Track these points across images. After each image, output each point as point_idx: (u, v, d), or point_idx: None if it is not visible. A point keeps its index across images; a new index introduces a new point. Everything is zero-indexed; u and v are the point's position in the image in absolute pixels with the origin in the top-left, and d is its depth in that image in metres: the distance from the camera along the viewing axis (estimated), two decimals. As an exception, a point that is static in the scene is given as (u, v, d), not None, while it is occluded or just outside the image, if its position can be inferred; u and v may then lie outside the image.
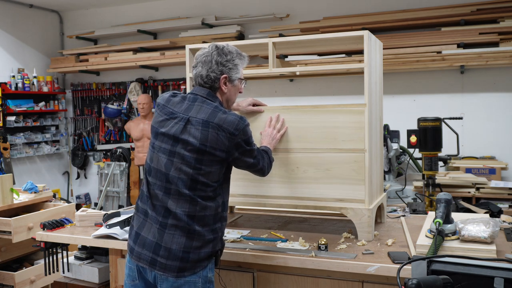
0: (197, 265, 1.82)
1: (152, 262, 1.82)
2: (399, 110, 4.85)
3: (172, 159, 1.84)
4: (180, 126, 1.85)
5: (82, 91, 6.55)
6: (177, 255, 1.79)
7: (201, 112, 1.86)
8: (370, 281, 1.95)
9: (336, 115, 2.28)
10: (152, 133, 1.95)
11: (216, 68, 1.93)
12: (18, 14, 6.08)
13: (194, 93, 1.94)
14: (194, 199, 1.82)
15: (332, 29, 4.94)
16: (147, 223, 1.87)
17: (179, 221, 1.81)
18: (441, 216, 1.92)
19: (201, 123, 1.83)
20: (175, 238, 1.80)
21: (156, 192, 1.86)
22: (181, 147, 1.84)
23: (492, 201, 3.38)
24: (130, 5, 6.23)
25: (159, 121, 1.92)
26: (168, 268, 1.79)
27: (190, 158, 1.82)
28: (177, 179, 1.83)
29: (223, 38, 5.43)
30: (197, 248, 1.82)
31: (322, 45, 2.83)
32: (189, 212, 1.82)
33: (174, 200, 1.83)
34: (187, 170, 1.82)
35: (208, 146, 1.82)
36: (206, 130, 1.82)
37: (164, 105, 1.94)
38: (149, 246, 1.83)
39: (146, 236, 1.85)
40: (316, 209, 2.36)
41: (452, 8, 4.62)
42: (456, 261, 1.49)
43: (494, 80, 4.67)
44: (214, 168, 1.86)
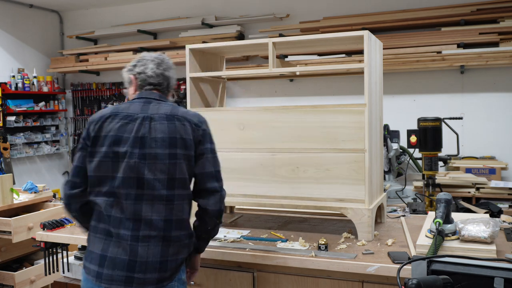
0: (175, 271, 1.76)
1: (128, 280, 1.70)
2: (399, 110, 4.84)
3: (144, 161, 1.73)
4: (144, 126, 1.76)
5: (82, 91, 6.55)
6: (155, 266, 1.71)
7: (161, 109, 1.81)
8: (370, 281, 1.95)
9: (336, 115, 2.28)
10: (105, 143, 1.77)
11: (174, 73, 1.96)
12: (18, 14, 6.08)
13: (143, 97, 1.87)
14: (171, 201, 1.74)
15: (332, 29, 4.94)
16: (112, 243, 1.73)
17: (153, 229, 1.72)
18: (441, 216, 1.92)
19: (165, 118, 1.78)
20: (150, 250, 1.72)
21: (123, 205, 1.73)
22: (151, 146, 1.74)
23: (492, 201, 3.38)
24: (130, 5, 6.23)
25: (117, 128, 1.78)
26: (146, 282, 1.71)
27: (163, 156, 1.74)
28: (153, 181, 1.73)
29: (223, 38, 5.43)
30: (175, 255, 1.75)
31: (322, 45, 2.83)
32: (166, 216, 1.73)
33: (148, 206, 1.72)
34: (163, 167, 1.74)
35: (178, 138, 1.76)
36: (173, 123, 1.77)
37: (115, 112, 1.82)
38: (121, 265, 1.70)
39: (115, 256, 1.72)
40: (316, 209, 2.36)
41: (452, 8, 4.62)
42: (456, 261, 1.49)
43: (494, 80, 4.67)
44: (188, 162, 1.78)
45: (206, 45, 2.59)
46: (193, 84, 2.61)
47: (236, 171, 2.45)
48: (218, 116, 2.50)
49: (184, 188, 1.78)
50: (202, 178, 1.82)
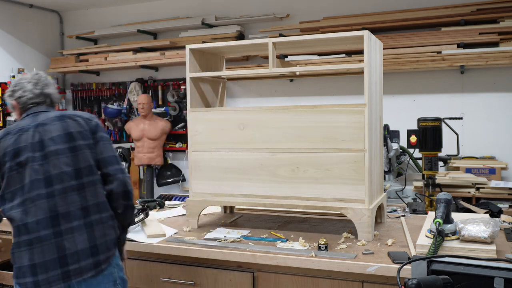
0: (109, 254, 1.81)
1: (65, 275, 1.74)
2: (399, 110, 4.84)
3: (47, 160, 1.82)
4: (39, 131, 1.86)
5: (82, 91, 6.55)
6: (86, 253, 1.76)
7: (49, 115, 1.93)
8: (370, 281, 1.95)
9: (336, 115, 2.28)
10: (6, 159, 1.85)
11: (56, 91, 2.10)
12: (18, 14, 6.08)
13: (31, 113, 1.96)
14: (83, 189, 1.82)
15: (332, 29, 4.94)
16: (36, 249, 1.76)
17: (73, 220, 1.77)
18: (441, 216, 1.92)
19: (55, 119, 1.90)
20: (76, 239, 1.76)
21: (36, 207, 1.78)
22: (50, 145, 1.84)
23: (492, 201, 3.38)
24: (130, 5, 6.23)
25: (13, 141, 1.86)
26: (84, 270, 1.75)
27: (64, 150, 1.83)
28: (60, 175, 1.81)
29: (223, 38, 5.44)
30: (102, 237, 1.81)
31: (322, 45, 2.83)
32: (82, 204, 1.80)
33: (61, 200, 1.79)
34: (66, 160, 1.83)
35: (74, 132, 1.88)
36: (64, 121, 1.89)
37: (7, 131, 1.91)
38: (53, 265, 1.74)
39: (44, 260, 1.75)
40: (316, 209, 2.36)
41: (452, 8, 4.62)
42: (456, 261, 1.49)
43: (494, 80, 4.67)
44: (91, 151, 1.89)
45: (206, 45, 2.59)
46: (193, 84, 2.61)
47: (236, 171, 2.45)
48: (218, 116, 2.50)
49: (92, 174, 1.87)
50: (103, 163, 1.93)
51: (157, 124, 5.70)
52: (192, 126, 2.56)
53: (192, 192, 2.55)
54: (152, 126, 5.68)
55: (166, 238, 2.33)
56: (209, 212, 2.88)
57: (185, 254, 2.19)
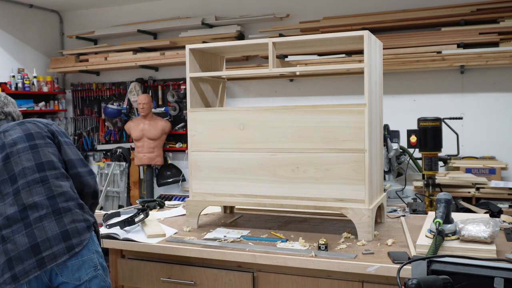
0: (81, 238, 1.83)
1: (40, 262, 1.76)
2: (399, 110, 4.85)
3: (9, 160, 1.89)
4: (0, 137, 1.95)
5: (82, 91, 6.55)
6: (57, 238, 1.80)
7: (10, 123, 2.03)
8: (370, 281, 1.95)
9: (336, 115, 2.28)
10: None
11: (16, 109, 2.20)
12: (18, 14, 6.08)
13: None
14: (46, 181, 1.87)
15: (332, 29, 4.95)
16: (8, 245, 1.79)
17: (40, 209, 1.82)
18: (441, 216, 1.92)
19: (16, 125, 1.99)
20: (46, 226, 1.81)
21: (6, 205, 1.83)
22: (11, 146, 1.91)
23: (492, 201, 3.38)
24: (130, 5, 6.23)
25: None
26: (57, 255, 1.78)
27: (25, 148, 1.90)
28: (22, 171, 1.87)
29: (223, 38, 5.44)
30: (71, 223, 1.84)
31: (322, 45, 2.83)
32: (47, 195, 1.85)
33: (27, 193, 1.84)
34: (28, 157, 1.89)
35: (33, 132, 1.95)
36: (24, 125, 1.98)
37: None
38: (26, 254, 1.77)
39: (17, 252, 1.78)
40: (316, 209, 2.36)
41: (452, 8, 4.62)
42: (456, 261, 1.49)
43: (494, 80, 4.67)
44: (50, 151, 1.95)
45: (206, 45, 2.59)
46: (193, 84, 2.61)
47: (236, 171, 2.45)
48: (218, 116, 2.50)
49: (55, 168, 1.93)
50: (70, 165, 2.01)
51: (157, 124, 5.71)
52: (192, 126, 2.56)
53: (192, 192, 2.55)
54: (152, 126, 5.68)
55: (166, 238, 2.33)
56: (209, 212, 2.88)
57: (185, 254, 2.19)
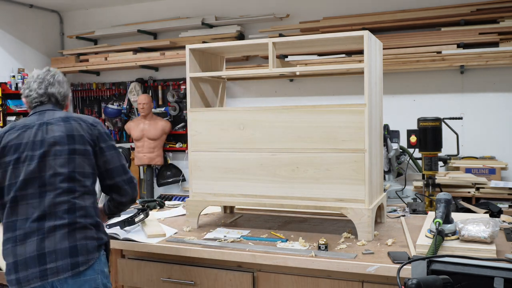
0: (89, 257, 1.80)
1: (42, 273, 1.74)
2: (399, 110, 4.85)
3: (44, 160, 1.84)
4: (42, 129, 1.89)
5: (82, 91, 6.55)
6: (64, 252, 1.76)
7: (55, 114, 1.95)
8: (370, 281, 1.95)
9: (336, 115, 2.28)
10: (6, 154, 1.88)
11: (67, 88, 2.09)
12: (18, 14, 6.08)
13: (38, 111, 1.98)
14: (73, 192, 1.83)
15: (332, 29, 4.94)
16: (18, 247, 1.79)
17: (58, 219, 1.79)
18: (441, 216, 1.92)
19: (61, 120, 1.92)
20: (57, 238, 1.77)
21: (26, 205, 1.80)
22: (50, 145, 1.85)
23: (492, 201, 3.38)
24: (130, 5, 6.23)
25: (15, 136, 1.90)
26: (61, 270, 1.74)
27: (62, 151, 1.85)
28: (53, 176, 1.82)
29: (223, 38, 5.44)
30: (83, 239, 1.80)
31: (322, 45, 2.83)
32: (69, 206, 1.81)
33: (51, 200, 1.80)
34: (62, 162, 1.84)
35: (76, 135, 1.89)
36: (69, 123, 1.91)
37: (12, 126, 1.95)
38: (32, 262, 1.75)
39: (24, 257, 1.76)
40: (316, 209, 2.36)
41: (452, 8, 4.62)
42: (456, 261, 1.49)
43: (494, 80, 4.67)
44: (88, 158, 1.90)
45: (206, 45, 2.59)
46: (193, 84, 2.61)
47: (236, 171, 2.45)
48: (218, 116, 2.50)
49: (85, 180, 1.87)
50: (109, 174, 1.95)
51: (157, 124, 5.70)
52: (192, 126, 2.56)
53: (192, 192, 2.55)
54: (152, 126, 5.68)
55: (166, 238, 2.33)
56: (209, 212, 2.88)
57: (185, 254, 2.19)
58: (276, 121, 2.38)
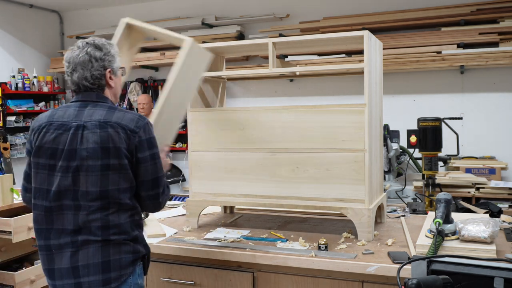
0: (121, 273, 1.74)
1: (77, 286, 1.72)
2: (399, 110, 4.85)
3: (78, 174, 1.71)
4: (77, 136, 1.72)
5: (82, 91, 6.55)
6: (97, 268, 1.71)
7: (95, 114, 1.74)
8: (370, 281, 1.95)
9: (336, 115, 2.28)
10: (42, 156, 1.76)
11: (98, 65, 1.80)
12: (18, 14, 6.08)
13: (80, 99, 1.81)
14: (107, 209, 1.72)
15: (332, 29, 4.95)
16: (54, 256, 1.75)
17: (92, 235, 1.72)
18: (441, 216, 1.92)
19: (97, 126, 1.71)
20: (90, 252, 1.72)
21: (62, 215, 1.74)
22: (83, 158, 1.70)
23: (492, 201, 3.38)
24: (130, 5, 6.23)
25: (51, 139, 1.75)
26: (93, 285, 1.71)
27: (95, 167, 1.70)
28: (86, 193, 1.71)
29: (223, 38, 5.44)
30: (116, 254, 1.74)
31: (322, 45, 2.83)
32: (103, 223, 1.72)
33: (84, 215, 1.71)
34: (94, 180, 1.70)
35: (111, 147, 1.70)
36: (105, 131, 1.70)
37: (49, 121, 1.78)
38: (67, 274, 1.73)
39: (60, 267, 1.74)
40: (316, 209, 2.36)
41: (452, 8, 4.62)
42: (456, 261, 1.49)
43: (494, 80, 4.67)
44: (123, 172, 1.73)
45: (206, 45, 2.59)
46: (193, 84, 2.61)
47: (236, 171, 2.45)
48: (218, 116, 2.50)
49: (120, 196, 1.74)
50: (140, 186, 1.80)
51: (157, 124, 5.70)
52: (192, 126, 2.56)
53: (192, 192, 2.55)
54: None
55: (166, 238, 2.33)
56: (209, 212, 2.88)
57: (185, 254, 2.19)
58: (276, 121, 2.38)
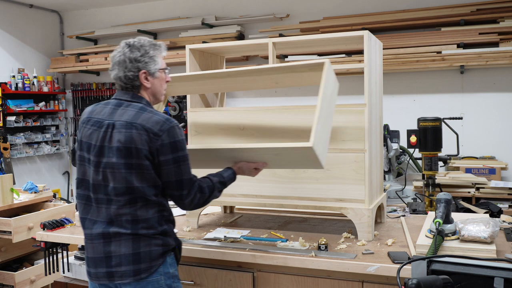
0: (152, 264, 1.80)
1: (109, 275, 1.80)
2: (399, 110, 4.85)
3: (106, 170, 1.79)
4: (107, 134, 1.80)
5: (82, 91, 6.55)
6: (128, 259, 1.78)
7: (125, 114, 1.81)
8: (370, 281, 1.95)
9: (336, 115, 2.28)
10: (84, 149, 1.87)
11: (132, 66, 1.88)
12: (18, 14, 6.08)
13: (117, 98, 1.89)
14: (135, 204, 1.78)
15: (332, 29, 4.94)
16: (89, 244, 1.85)
17: (122, 228, 1.78)
18: (441, 216, 1.92)
19: (124, 126, 1.78)
20: (122, 244, 1.78)
21: (98, 207, 1.83)
22: (109, 156, 1.78)
23: (492, 201, 3.38)
24: (130, 5, 6.23)
25: (88, 135, 1.85)
26: (124, 275, 1.78)
27: (119, 165, 1.76)
28: (115, 189, 1.78)
29: (223, 38, 5.44)
30: (147, 246, 1.79)
31: (322, 45, 2.83)
32: (133, 217, 1.78)
33: (115, 210, 1.79)
34: (119, 177, 1.77)
35: (133, 148, 1.75)
36: (130, 132, 1.76)
37: (89, 117, 1.89)
38: (100, 262, 1.81)
39: (93, 256, 1.83)
40: (316, 209, 2.36)
41: (452, 8, 4.62)
42: (456, 261, 1.49)
43: (494, 80, 4.67)
44: (146, 172, 1.78)
45: (206, 45, 2.59)
46: (193, 84, 2.61)
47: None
48: (218, 116, 2.50)
49: (146, 192, 1.79)
50: (165, 186, 1.84)
51: (157, 124, 5.70)
52: (192, 126, 2.55)
53: (192, 192, 2.54)
54: (152, 126, 5.67)
55: (166, 238, 2.33)
56: (209, 212, 2.88)
57: (185, 254, 2.19)
58: (276, 121, 2.38)
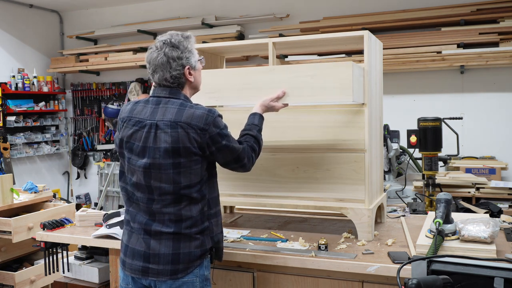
0: (189, 265, 1.81)
1: (144, 270, 1.82)
2: (399, 110, 4.84)
3: (150, 171, 1.80)
4: (151, 134, 1.79)
5: (82, 91, 6.55)
6: (167, 259, 1.79)
7: (167, 113, 1.80)
8: (370, 281, 1.95)
9: (336, 115, 2.28)
10: (124, 147, 1.88)
11: (177, 65, 1.86)
12: (18, 14, 6.08)
13: (156, 95, 1.89)
14: (179, 203, 1.80)
15: (332, 29, 4.94)
16: (133, 235, 1.87)
17: (164, 226, 1.80)
18: (441, 216, 1.92)
19: (169, 125, 1.78)
20: (162, 243, 1.80)
21: (138, 203, 1.86)
22: (155, 157, 1.78)
23: (492, 201, 3.38)
24: (130, 5, 6.23)
25: (129, 134, 1.85)
26: (161, 273, 1.80)
27: (167, 166, 1.78)
28: (159, 188, 1.80)
29: (223, 38, 5.44)
30: (187, 248, 1.81)
31: (322, 45, 2.83)
32: (176, 217, 1.80)
33: (159, 207, 1.81)
34: (166, 177, 1.79)
35: (181, 147, 1.77)
36: (176, 131, 1.77)
37: (129, 116, 1.88)
38: (138, 256, 1.83)
39: (134, 247, 1.85)
40: (316, 209, 2.36)
41: (452, 8, 4.62)
42: (456, 261, 1.49)
43: (494, 80, 4.67)
44: (193, 168, 1.81)
45: (206, 45, 2.59)
46: (193, 84, 2.60)
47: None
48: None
49: (191, 192, 1.82)
50: (226, 165, 1.92)
51: (157, 124, 5.70)
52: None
53: (192, 192, 2.54)
54: (152, 126, 5.67)
55: (166, 238, 2.33)
56: (209, 212, 2.88)
57: (185, 254, 2.19)
58: (276, 121, 2.38)
